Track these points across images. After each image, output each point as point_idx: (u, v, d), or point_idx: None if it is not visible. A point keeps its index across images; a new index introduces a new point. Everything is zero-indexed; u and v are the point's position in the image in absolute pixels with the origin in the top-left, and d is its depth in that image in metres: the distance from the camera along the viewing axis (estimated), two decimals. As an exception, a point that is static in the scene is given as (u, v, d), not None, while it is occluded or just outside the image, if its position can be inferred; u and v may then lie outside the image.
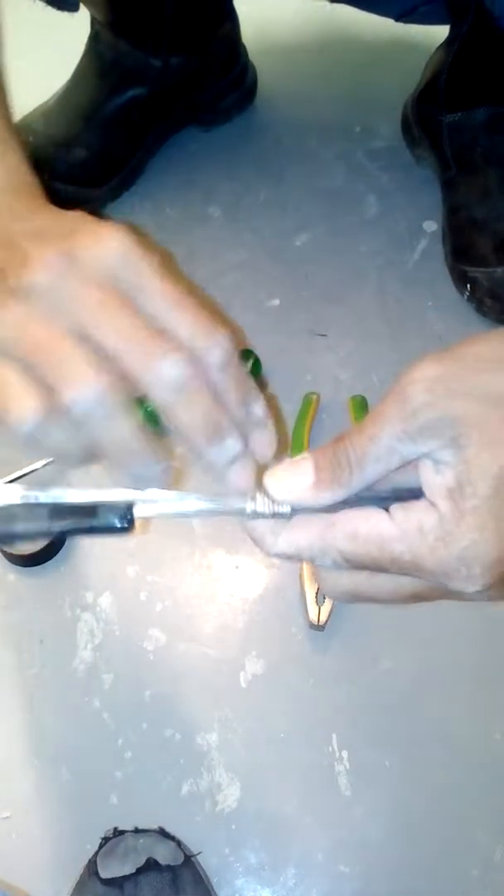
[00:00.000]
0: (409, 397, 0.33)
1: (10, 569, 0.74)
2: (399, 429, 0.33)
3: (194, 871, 0.59)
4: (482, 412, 0.32)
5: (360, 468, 0.34)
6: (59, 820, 0.64)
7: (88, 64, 0.95)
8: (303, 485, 0.34)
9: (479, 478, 0.31)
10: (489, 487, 0.31)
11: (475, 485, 0.32)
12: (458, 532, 0.32)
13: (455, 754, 0.65)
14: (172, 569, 0.74)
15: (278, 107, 1.05)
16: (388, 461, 0.33)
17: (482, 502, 0.31)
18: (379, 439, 0.33)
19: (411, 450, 0.33)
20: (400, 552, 0.33)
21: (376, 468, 0.33)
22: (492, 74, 0.86)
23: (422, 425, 0.32)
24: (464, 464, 0.32)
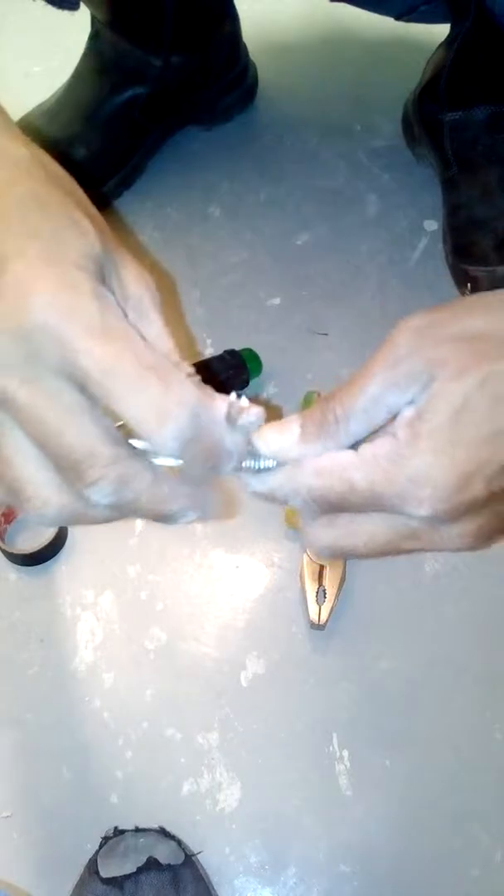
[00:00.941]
0: (395, 346, 0.33)
1: (11, 568, 0.74)
2: (386, 376, 0.33)
3: (195, 870, 0.59)
4: (456, 349, 0.32)
5: (345, 420, 0.33)
6: (59, 819, 0.64)
7: (89, 63, 0.95)
8: (289, 439, 0.34)
9: (440, 405, 0.31)
10: (447, 413, 0.31)
11: (435, 411, 0.31)
12: (409, 453, 0.32)
13: (455, 754, 0.65)
14: (173, 568, 0.74)
15: (279, 106, 1.05)
16: (374, 413, 0.33)
17: (439, 427, 0.31)
18: (365, 389, 0.33)
19: (397, 398, 0.33)
20: (357, 479, 0.32)
21: (363, 420, 0.33)
22: (492, 73, 0.86)
23: (406, 372, 0.32)
24: (429, 395, 0.32)
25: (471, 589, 0.72)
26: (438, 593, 0.72)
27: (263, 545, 0.75)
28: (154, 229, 0.95)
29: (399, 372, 0.32)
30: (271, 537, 0.75)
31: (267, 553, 0.74)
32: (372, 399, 0.33)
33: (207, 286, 0.90)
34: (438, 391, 0.31)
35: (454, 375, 0.31)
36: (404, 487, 0.32)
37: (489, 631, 0.70)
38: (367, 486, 0.32)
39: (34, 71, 1.11)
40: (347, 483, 0.33)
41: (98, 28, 0.93)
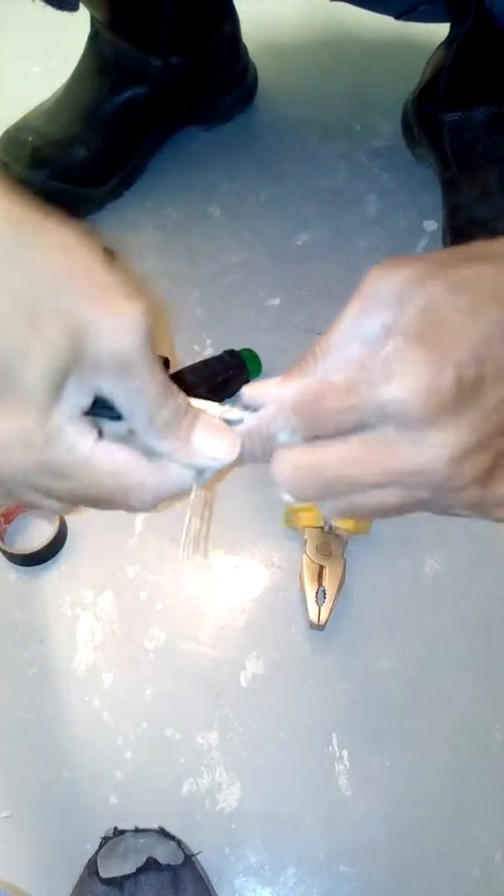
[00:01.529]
0: (366, 281, 0.33)
1: (11, 568, 0.74)
2: (355, 307, 0.33)
3: (194, 870, 0.59)
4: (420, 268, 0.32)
5: (323, 356, 0.34)
6: (59, 820, 0.64)
7: (89, 63, 0.95)
8: (271, 383, 0.35)
9: (409, 308, 0.32)
10: (416, 313, 0.32)
11: (405, 313, 0.32)
12: (382, 345, 0.32)
13: (455, 754, 0.65)
14: (173, 568, 0.74)
15: (279, 106, 1.05)
16: (350, 345, 0.33)
17: (409, 324, 0.32)
18: (339, 323, 0.34)
19: (369, 326, 0.33)
20: (336, 379, 0.33)
21: (339, 353, 0.34)
22: (492, 73, 0.86)
23: (374, 296, 0.33)
24: (400, 305, 0.32)
25: (470, 589, 0.72)
26: (438, 593, 0.72)
27: (263, 545, 0.75)
28: (154, 229, 0.95)
29: (368, 300, 0.33)
30: (271, 537, 0.75)
31: (266, 553, 0.74)
32: (345, 332, 0.33)
33: (207, 286, 0.90)
34: (406, 299, 0.32)
35: (420, 283, 0.32)
36: (376, 371, 0.32)
37: (489, 631, 0.70)
38: (342, 380, 0.32)
39: (34, 71, 1.11)
40: (325, 383, 0.33)
41: (98, 28, 0.93)
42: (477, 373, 0.31)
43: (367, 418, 0.32)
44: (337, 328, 0.34)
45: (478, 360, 0.31)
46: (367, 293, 0.33)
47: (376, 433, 0.32)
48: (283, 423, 0.34)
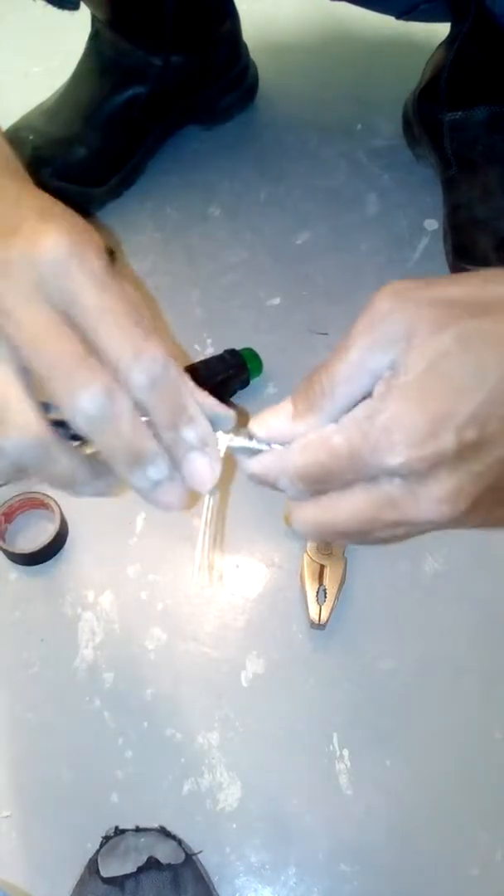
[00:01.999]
0: (375, 309, 0.33)
1: (11, 568, 0.74)
2: (365, 341, 0.33)
3: (195, 869, 0.59)
4: (433, 310, 0.32)
5: (331, 390, 0.34)
6: (59, 819, 0.64)
7: (89, 62, 0.95)
8: (282, 419, 0.36)
9: (412, 360, 0.32)
10: (419, 368, 0.32)
11: (407, 366, 0.32)
12: (382, 406, 0.32)
13: (455, 754, 0.65)
14: (173, 568, 0.74)
15: (279, 105, 1.05)
16: (359, 380, 0.34)
17: (410, 380, 0.32)
18: (347, 356, 0.34)
19: (378, 360, 0.33)
20: (338, 444, 0.33)
21: (348, 389, 0.34)
22: (492, 73, 0.86)
23: (384, 333, 0.33)
24: (404, 352, 0.32)
25: (470, 588, 0.72)
26: (438, 593, 0.72)
27: (263, 545, 0.75)
28: (154, 229, 0.95)
29: (378, 334, 0.33)
30: (271, 537, 0.75)
31: (267, 553, 0.74)
32: (354, 365, 0.34)
33: (207, 286, 0.90)
34: (414, 347, 0.32)
35: (429, 333, 0.32)
36: (378, 438, 0.32)
37: (489, 630, 0.70)
38: (345, 447, 0.33)
39: (34, 71, 1.11)
40: (328, 449, 0.34)
41: (98, 28, 0.93)
42: (479, 433, 0.32)
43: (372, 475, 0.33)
44: (346, 359, 0.34)
45: (480, 421, 0.32)
46: (376, 327, 0.33)
47: (380, 487, 0.34)
48: (289, 484, 0.35)
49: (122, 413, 0.34)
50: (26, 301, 0.34)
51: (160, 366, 0.34)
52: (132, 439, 0.34)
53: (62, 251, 0.34)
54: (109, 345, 0.34)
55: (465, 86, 0.88)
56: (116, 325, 0.34)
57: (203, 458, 0.36)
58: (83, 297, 0.34)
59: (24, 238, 0.34)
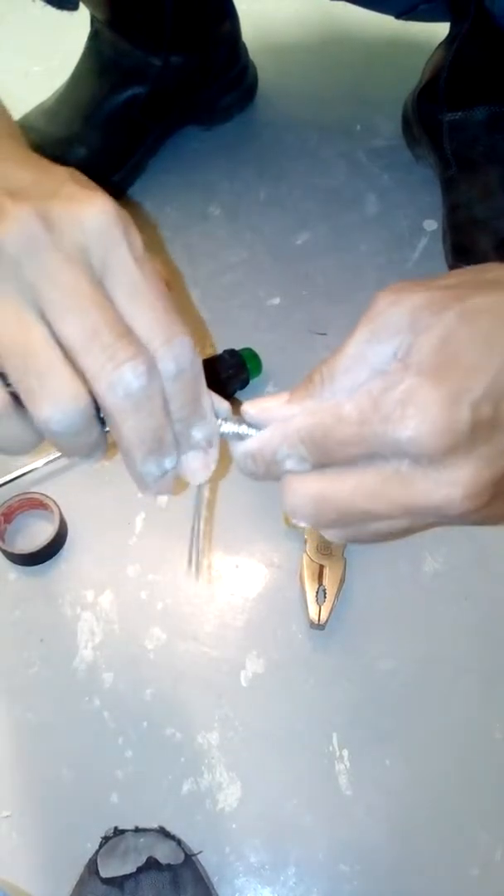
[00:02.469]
0: (376, 303, 0.33)
1: (11, 567, 0.74)
2: (365, 331, 0.33)
3: (195, 870, 0.59)
4: (433, 295, 0.32)
5: (330, 379, 0.34)
6: (59, 819, 0.64)
7: (88, 62, 0.95)
8: (277, 402, 0.35)
9: (424, 340, 0.32)
10: (432, 346, 0.31)
11: (420, 345, 0.32)
12: (397, 379, 0.32)
13: (455, 753, 0.65)
14: (173, 568, 0.74)
15: (278, 105, 1.05)
16: (358, 370, 0.33)
17: (424, 358, 0.31)
18: (348, 347, 0.33)
19: (378, 352, 0.33)
20: (348, 410, 0.32)
21: (347, 378, 0.33)
22: (492, 73, 0.86)
23: (385, 323, 0.33)
24: (414, 334, 0.32)
25: (470, 588, 0.72)
26: (438, 593, 0.72)
27: (263, 545, 0.75)
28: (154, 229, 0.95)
29: (377, 326, 0.33)
30: (271, 537, 0.75)
31: (266, 553, 0.74)
32: (354, 356, 0.33)
33: (207, 286, 0.90)
34: (421, 331, 0.32)
35: (435, 313, 0.32)
36: (390, 409, 0.31)
37: (489, 630, 0.70)
38: (356, 413, 0.32)
39: (34, 71, 1.11)
40: (337, 414, 0.32)
41: (98, 28, 0.93)
42: (494, 409, 0.31)
43: (380, 451, 0.32)
44: (345, 351, 0.33)
45: (494, 396, 0.31)
46: (376, 318, 0.33)
47: (389, 465, 0.32)
48: (291, 450, 0.34)
49: (158, 394, 0.33)
50: (71, 263, 0.32)
51: (187, 355, 0.33)
52: (160, 424, 0.34)
53: (110, 219, 0.33)
54: (142, 325, 0.33)
55: (465, 86, 0.88)
56: (151, 307, 0.33)
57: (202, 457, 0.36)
58: (123, 272, 0.33)
59: (69, 199, 0.33)
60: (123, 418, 0.33)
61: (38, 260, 0.32)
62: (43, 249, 0.32)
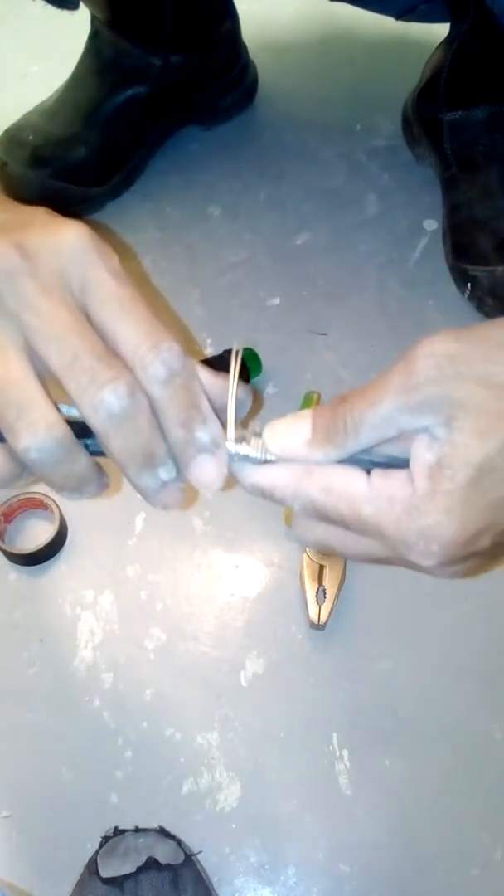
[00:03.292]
0: (417, 370, 0.32)
1: (11, 567, 0.74)
2: (401, 400, 0.33)
3: (194, 870, 0.59)
4: (483, 400, 0.32)
5: (355, 433, 0.34)
6: (59, 819, 0.64)
7: (88, 62, 0.95)
8: (298, 440, 0.35)
9: (460, 463, 0.32)
10: (467, 475, 0.32)
11: (455, 469, 0.32)
12: (425, 509, 0.32)
13: (455, 754, 0.65)
14: (173, 568, 0.74)
15: (278, 105, 1.05)
16: (384, 430, 0.33)
17: (457, 487, 0.32)
18: (379, 407, 0.33)
19: (409, 422, 0.33)
20: (367, 514, 0.33)
21: (372, 435, 0.34)
22: (492, 72, 0.86)
23: (423, 400, 0.32)
24: (450, 445, 0.32)
25: (470, 589, 0.72)
26: (438, 593, 0.71)
27: (263, 545, 0.75)
28: (154, 229, 0.95)
29: (416, 398, 0.32)
30: (271, 537, 0.75)
31: (266, 553, 0.74)
32: (384, 418, 0.33)
33: (207, 286, 0.90)
34: (461, 446, 0.32)
35: (479, 433, 0.32)
36: (414, 540, 0.33)
37: (489, 631, 0.70)
38: (374, 523, 0.33)
39: (33, 70, 1.11)
40: (355, 512, 0.34)
41: (97, 27, 0.93)
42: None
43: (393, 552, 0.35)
44: (376, 411, 0.33)
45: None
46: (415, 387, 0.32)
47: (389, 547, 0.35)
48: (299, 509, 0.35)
49: (142, 412, 0.33)
50: (49, 291, 0.33)
51: (177, 358, 0.34)
52: (149, 439, 0.34)
53: (85, 241, 0.34)
54: (128, 336, 0.33)
55: (465, 85, 0.88)
56: (135, 317, 0.34)
57: (213, 460, 0.35)
58: (102, 288, 0.34)
59: (43, 228, 0.34)
60: (110, 438, 0.34)
61: (17, 290, 0.33)
62: (21, 279, 0.33)
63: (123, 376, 0.33)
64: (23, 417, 0.33)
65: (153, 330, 0.34)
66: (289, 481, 0.35)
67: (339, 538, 0.36)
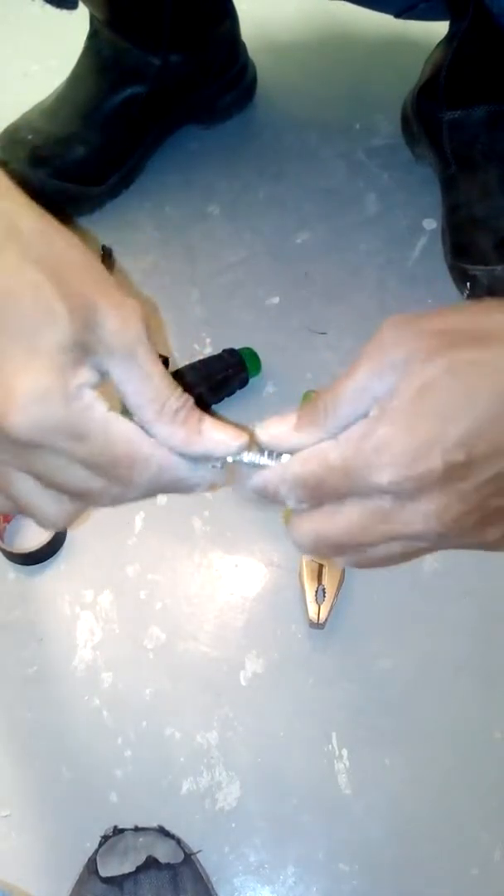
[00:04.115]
0: (381, 339, 0.35)
1: (10, 567, 0.74)
2: (369, 367, 0.35)
3: (194, 869, 0.59)
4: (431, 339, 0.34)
5: (334, 409, 0.36)
6: (58, 818, 0.64)
7: (87, 62, 0.95)
8: (286, 428, 0.37)
9: (406, 385, 0.34)
10: (412, 392, 0.34)
11: (401, 391, 0.34)
12: (375, 426, 0.34)
13: (455, 753, 0.65)
14: (172, 567, 0.74)
15: (278, 105, 1.05)
16: (360, 402, 0.35)
17: (402, 404, 0.34)
18: (353, 379, 0.35)
19: (379, 386, 0.35)
20: (333, 458, 0.35)
21: (349, 410, 0.36)
22: (491, 72, 0.86)
23: (388, 362, 0.34)
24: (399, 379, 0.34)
25: (470, 588, 0.72)
26: (438, 592, 0.72)
27: (263, 544, 0.74)
28: (154, 229, 0.95)
29: (382, 362, 0.35)
30: (270, 536, 0.75)
31: (266, 552, 0.74)
32: (357, 389, 0.35)
33: (207, 285, 0.90)
34: (408, 373, 0.34)
35: (424, 360, 0.34)
36: (369, 457, 0.34)
37: (488, 630, 0.70)
38: (340, 463, 0.35)
39: (33, 70, 1.11)
40: (325, 463, 0.35)
41: (97, 27, 0.93)
42: (466, 455, 0.33)
43: (366, 492, 0.35)
44: (349, 383, 0.35)
45: (468, 445, 0.33)
46: (378, 353, 0.35)
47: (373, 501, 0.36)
48: (289, 493, 0.37)
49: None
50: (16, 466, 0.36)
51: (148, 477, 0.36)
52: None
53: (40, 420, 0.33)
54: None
55: (465, 84, 0.88)
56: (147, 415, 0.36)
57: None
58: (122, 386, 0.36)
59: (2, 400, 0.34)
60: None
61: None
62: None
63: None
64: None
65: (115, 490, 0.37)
66: (276, 471, 0.37)
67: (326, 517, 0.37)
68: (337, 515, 0.37)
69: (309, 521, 0.38)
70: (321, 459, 0.36)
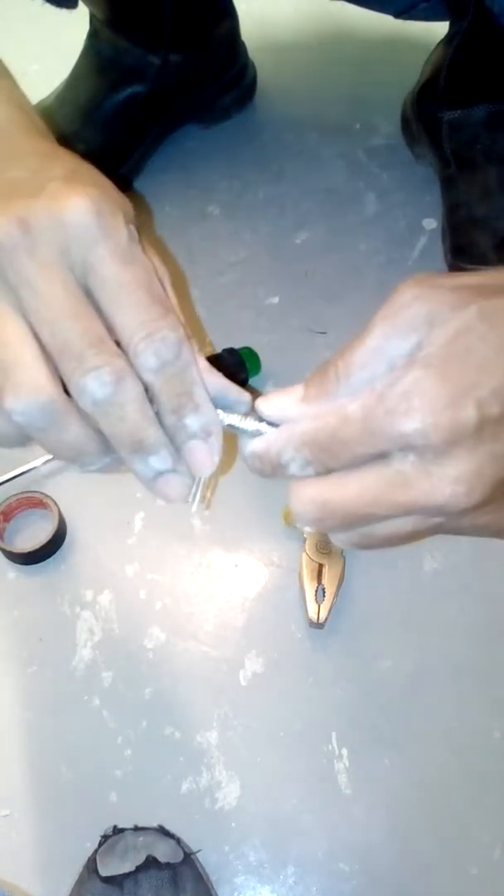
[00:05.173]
0: (398, 296, 0.32)
1: (10, 566, 0.74)
2: (385, 326, 0.32)
3: (194, 868, 0.59)
4: (456, 293, 0.31)
5: (346, 375, 0.33)
6: (58, 818, 0.64)
7: (87, 61, 0.95)
8: (292, 400, 0.34)
9: (436, 335, 0.31)
10: (443, 341, 0.31)
11: (431, 340, 0.31)
12: (404, 373, 0.31)
13: (455, 753, 0.65)
14: (172, 567, 0.74)
15: (278, 105, 1.05)
16: (375, 365, 0.32)
17: (433, 352, 0.31)
18: (367, 340, 0.32)
19: (398, 346, 0.32)
20: (351, 409, 0.31)
21: (362, 374, 0.32)
22: (491, 71, 0.86)
23: (406, 318, 0.32)
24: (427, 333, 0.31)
25: (470, 587, 0.72)
26: (438, 592, 0.72)
27: (262, 544, 0.74)
28: (153, 229, 0.95)
29: (399, 320, 0.32)
30: (270, 536, 0.75)
31: (266, 552, 0.74)
32: (372, 350, 0.32)
33: (206, 285, 0.90)
34: (437, 324, 0.31)
35: (453, 308, 0.31)
36: (396, 402, 0.30)
37: (488, 629, 0.70)
38: (359, 411, 0.31)
39: (32, 69, 1.10)
40: (341, 415, 0.32)
41: (97, 26, 0.93)
42: (501, 409, 0.30)
43: (385, 448, 0.31)
44: (362, 345, 0.32)
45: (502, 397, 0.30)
46: (396, 311, 0.32)
47: (392, 465, 0.31)
48: (295, 454, 0.33)
49: (129, 401, 0.33)
50: (48, 270, 0.33)
51: (170, 348, 0.34)
52: (136, 427, 0.34)
53: (89, 217, 0.33)
54: (124, 321, 0.33)
55: (464, 84, 0.88)
56: (133, 302, 0.33)
57: (203, 446, 0.35)
58: (104, 269, 0.33)
59: (49, 200, 0.33)
60: (98, 422, 0.34)
61: (16, 266, 0.33)
62: (20, 255, 0.33)
63: (111, 363, 0.33)
64: (9, 379, 0.33)
65: (150, 318, 0.33)
66: (280, 433, 0.34)
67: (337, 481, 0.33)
68: (348, 479, 0.32)
69: (315, 486, 0.33)
70: (336, 412, 0.32)
